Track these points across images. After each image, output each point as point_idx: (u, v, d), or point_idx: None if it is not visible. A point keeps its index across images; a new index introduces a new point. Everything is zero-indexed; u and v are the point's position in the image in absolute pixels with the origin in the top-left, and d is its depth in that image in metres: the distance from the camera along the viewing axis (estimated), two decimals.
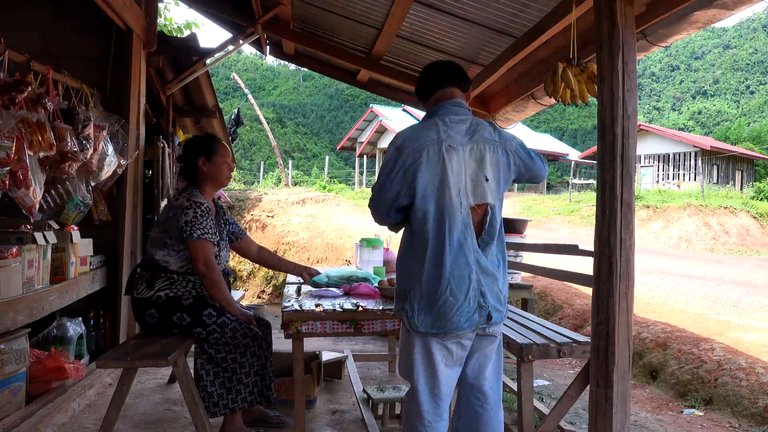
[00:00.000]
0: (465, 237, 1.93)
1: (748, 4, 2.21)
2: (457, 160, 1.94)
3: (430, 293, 1.91)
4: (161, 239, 2.78)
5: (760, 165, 30.44)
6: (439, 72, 2.12)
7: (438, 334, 1.92)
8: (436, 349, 1.94)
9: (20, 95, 2.54)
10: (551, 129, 45.46)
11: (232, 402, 2.75)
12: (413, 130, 2.00)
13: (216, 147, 2.92)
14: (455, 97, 2.07)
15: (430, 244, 1.92)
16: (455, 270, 1.91)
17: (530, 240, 5.92)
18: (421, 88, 2.14)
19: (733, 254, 14.17)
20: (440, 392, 1.96)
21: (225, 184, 3.04)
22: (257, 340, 2.83)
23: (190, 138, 3.17)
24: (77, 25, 4.14)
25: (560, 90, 2.62)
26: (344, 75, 5.75)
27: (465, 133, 1.99)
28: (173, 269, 2.76)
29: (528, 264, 4.96)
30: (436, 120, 2.01)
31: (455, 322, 1.91)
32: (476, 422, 2.05)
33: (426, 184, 1.92)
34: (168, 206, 2.85)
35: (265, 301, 8.07)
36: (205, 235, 2.69)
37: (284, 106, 48.55)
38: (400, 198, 1.96)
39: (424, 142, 1.94)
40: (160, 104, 5.14)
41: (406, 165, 1.93)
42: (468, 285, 1.92)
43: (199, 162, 2.87)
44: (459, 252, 1.92)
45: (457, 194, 1.93)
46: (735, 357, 4.18)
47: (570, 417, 3.46)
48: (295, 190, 13.38)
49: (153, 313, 2.74)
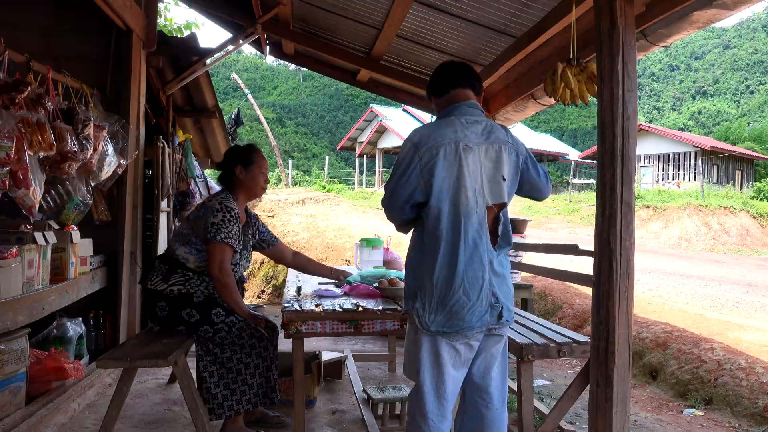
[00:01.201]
0: (480, 236, 1.94)
1: (748, 4, 2.21)
2: (473, 160, 1.95)
3: (442, 292, 1.92)
4: (187, 236, 2.83)
5: (760, 165, 30.44)
6: (456, 71, 2.13)
7: (448, 334, 1.93)
8: (444, 350, 1.94)
9: (20, 95, 2.55)
10: (551, 129, 45.46)
11: (236, 403, 2.74)
12: (430, 128, 2.01)
13: (254, 157, 2.96)
14: (470, 98, 2.09)
15: (444, 242, 1.92)
16: (469, 269, 1.91)
17: (530, 240, 5.93)
18: (437, 84, 2.15)
19: (733, 254, 14.18)
20: (446, 393, 1.97)
21: (259, 195, 3.10)
22: (263, 342, 2.83)
23: (232, 146, 3.23)
24: (77, 25, 4.14)
25: (560, 90, 2.62)
26: (344, 75, 5.75)
27: (481, 133, 2.00)
28: (190, 266, 2.80)
29: (528, 264, 4.96)
30: (452, 119, 2.01)
31: (467, 321, 1.92)
32: (481, 422, 2.05)
33: (442, 182, 1.92)
34: (201, 205, 2.90)
35: (265, 301, 8.07)
36: (228, 239, 2.72)
37: (284, 106, 48.54)
38: (416, 194, 1.96)
39: (442, 140, 1.94)
40: (160, 104, 5.14)
41: (423, 162, 1.93)
42: (481, 285, 1.93)
43: (236, 170, 2.91)
44: (474, 251, 1.93)
45: (473, 194, 1.94)
46: (735, 357, 4.18)
47: (570, 417, 3.46)
48: (295, 190, 13.38)
49: (164, 306, 2.77)
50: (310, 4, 4.47)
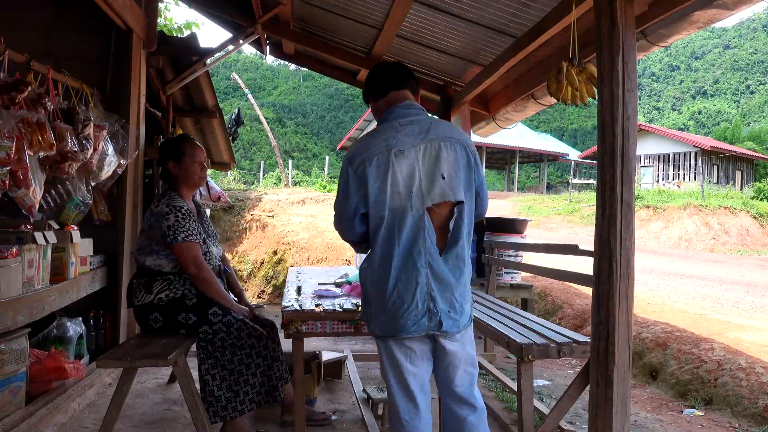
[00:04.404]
0: (416, 239, 1.90)
1: (748, 4, 2.21)
2: (407, 163, 1.92)
3: (379, 296, 1.94)
4: (148, 246, 2.79)
5: (760, 165, 30.44)
6: (391, 73, 2.14)
7: (391, 337, 1.95)
8: (396, 350, 1.97)
9: (20, 95, 2.55)
10: (551, 129, 45.48)
11: (240, 404, 2.73)
12: (364, 140, 2.02)
13: (184, 148, 2.90)
14: (407, 98, 2.10)
15: (379, 247, 1.93)
16: (402, 272, 1.91)
17: (530, 240, 5.93)
18: (375, 88, 2.14)
19: (733, 254, 14.18)
20: (411, 391, 1.98)
21: (200, 185, 3.02)
22: (262, 341, 2.82)
23: (162, 141, 3.17)
24: (77, 25, 4.14)
25: (564, 89, 2.62)
26: (344, 75, 5.75)
27: (417, 134, 1.97)
28: (167, 270, 2.78)
29: (528, 264, 4.96)
30: (386, 126, 2.02)
31: (402, 325, 1.91)
32: (461, 425, 2.05)
33: (377, 191, 1.92)
34: (149, 213, 2.83)
35: (265, 301, 8.07)
36: (190, 237, 2.71)
37: (284, 106, 48.55)
38: (360, 206, 1.96)
39: (374, 149, 1.95)
40: (160, 104, 5.14)
41: (358, 173, 1.94)
42: (415, 287, 1.90)
43: (169, 166, 2.88)
44: (407, 254, 1.91)
45: (408, 196, 1.91)
46: (735, 357, 4.18)
47: (570, 417, 3.46)
48: (295, 190, 13.37)
49: (157, 317, 2.74)
50: (310, 4, 4.46)
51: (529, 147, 28.25)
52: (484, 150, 26.09)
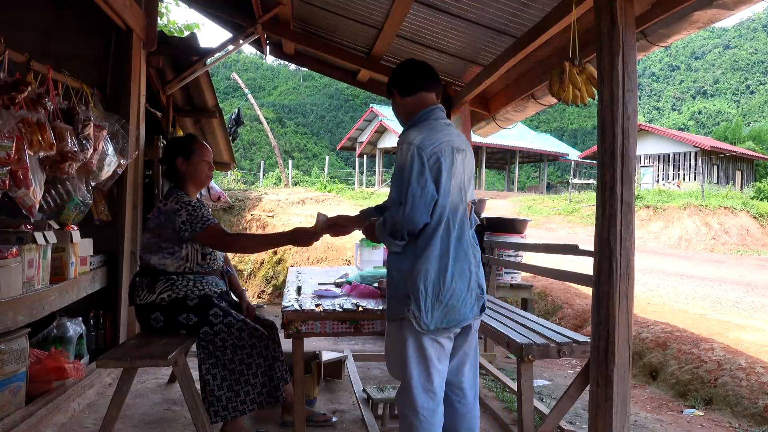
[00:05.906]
0: (463, 231, 2.05)
1: (748, 4, 2.21)
2: (460, 162, 2.07)
3: (437, 289, 1.98)
4: (154, 244, 2.78)
5: (760, 165, 30.44)
6: (427, 74, 2.18)
7: (445, 330, 2.00)
8: (429, 346, 2.01)
9: (20, 95, 2.55)
10: (551, 129, 45.49)
11: (241, 404, 2.73)
12: (423, 132, 2.05)
13: (194, 147, 2.92)
14: (435, 102, 2.17)
15: (439, 240, 2.00)
16: (457, 263, 2.01)
17: (530, 240, 5.93)
18: (406, 85, 2.16)
19: (733, 254, 14.18)
20: (434, 387, 2.03)
21: (206, 183, 3.06)
22: (263, 341, 2.81)
23: (170, 139, 3.19)
24: (77, 25, 4.14)
25: (567, 89, 2.62)
26: (344, 75, 5.75)
27: (458, 136, 2.12)
28: (171, 270, 2.76)
29: (528, 264, 4.96)
30: (434, 124, 2.08)
31: (463, 314, 2.01)
32: (454, 417, 2.12)
33: (444, 183, 2.00)
34: (157, 212, 2.82)
35: (265, 301, 8.07)
36: (208, 222, 2.72)
37: (284, 106, 48.56)
38: (435, 195, 2.01)
39: (442, 144, 2.02)
40: (160, 104, 5.14)
41: (430, 163, 1.99)
42: (469, 277, 2.04)
43: (177, 162, 2.88)
44: (458, 245, 2.03)
45: (460, 192, 2.06)
46: (735, 357, 4.18)
47: (570, 417, 3.46)
48: (295, 190, 13.37)
49: (158, 316, 2.74)
50: (310, 4, 4.47)
51: (529, 147, 28.25)
52: (484, 150, 26.11)
